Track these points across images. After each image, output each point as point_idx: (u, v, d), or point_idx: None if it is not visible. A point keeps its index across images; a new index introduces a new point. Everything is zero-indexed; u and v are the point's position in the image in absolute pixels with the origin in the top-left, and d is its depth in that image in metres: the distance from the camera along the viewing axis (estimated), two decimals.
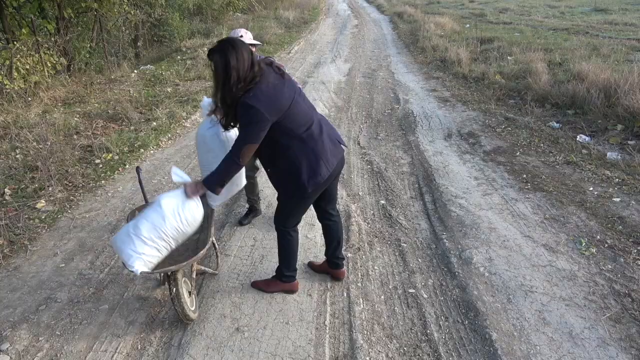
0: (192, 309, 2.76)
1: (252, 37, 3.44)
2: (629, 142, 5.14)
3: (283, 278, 2.99)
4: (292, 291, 3.03)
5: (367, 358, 2.53)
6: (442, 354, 2.55)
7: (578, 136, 5.47)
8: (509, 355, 2.49)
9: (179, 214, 2.48)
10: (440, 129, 6.29)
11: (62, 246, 3.68)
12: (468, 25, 14.92)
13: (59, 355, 2.59)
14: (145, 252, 2.40)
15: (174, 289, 2.58)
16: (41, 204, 4.28)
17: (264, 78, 2.38)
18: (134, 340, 2.69)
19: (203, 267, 3.08)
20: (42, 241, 3.76)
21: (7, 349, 2.61)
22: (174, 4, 15.19)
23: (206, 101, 3.08)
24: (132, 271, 2.41)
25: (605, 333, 2.61)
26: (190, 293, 2.81)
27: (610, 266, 3.17)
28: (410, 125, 6.48)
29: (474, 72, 9.07)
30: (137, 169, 3.21)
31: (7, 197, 4.38)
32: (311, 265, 3.30)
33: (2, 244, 3.58)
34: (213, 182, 2.47)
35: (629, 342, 2.53)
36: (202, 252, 2.64)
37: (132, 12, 11.49)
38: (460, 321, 2.79)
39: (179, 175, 2.57)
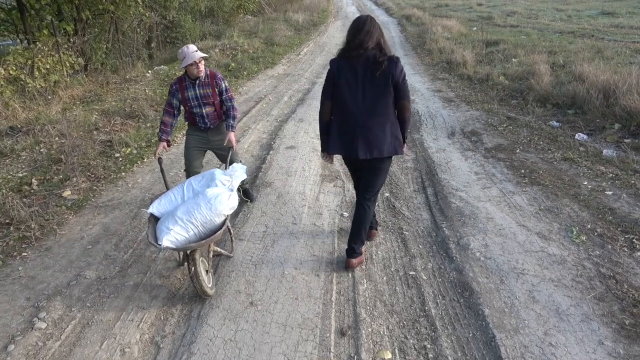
0: (210, 285, 3.03)
1: (196, 50, 3.62)
2: (625, 140, 5.33)
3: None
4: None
5: (370, 329, 2.77)
6: (438, 327, 2.79)
7: (576, 134, 5.67)
8: (499, 328, 2.72)
9: (210, 203, 2.86)
10: (444, 128, 6.52)
11: (88, 230, 3.97)
12: (475, 28, 15.11)
13: (90, 323, 2.87)
14: (175, 229, 2.79)
15: (193, 268, 2.85)
16: (67, 193, 4.57)
17: (356, 57, 2.99)
18: (158, 312, 2.96)
19: (219, 249, 3.34)
20: (70, 226, 4.06)
21: (44, 317, 2.90)
22: (187, 6, 15.53)
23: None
24: (158, 245, 2.71)
25: (589, 310, 2.83)
26: (207, 272, 3.07)
27: (598, 252, 3.39)
28: (415, 124, 6.72)
29: (478, 74, 9.28)
30: (159, 160, 3.51)
31: (34, 187, 4.69)
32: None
33: (34, 228, 3.87)
34: (323, 144, 3.20)
35: (610, 318, 2.75)
36: (218, 233, 2.91)
37: (146, 14, 11.84)
38: (456, 299, 3.03)
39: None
